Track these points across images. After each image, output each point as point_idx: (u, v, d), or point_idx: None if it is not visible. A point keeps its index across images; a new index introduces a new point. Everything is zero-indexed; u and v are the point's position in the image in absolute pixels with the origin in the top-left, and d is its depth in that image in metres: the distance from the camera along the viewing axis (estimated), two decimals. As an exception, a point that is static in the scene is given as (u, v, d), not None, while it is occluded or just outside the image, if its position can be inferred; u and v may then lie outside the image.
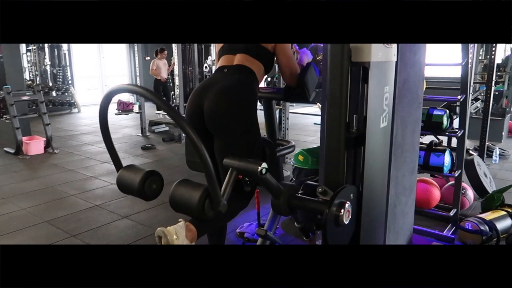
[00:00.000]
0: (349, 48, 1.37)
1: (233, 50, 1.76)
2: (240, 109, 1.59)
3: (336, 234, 1.35)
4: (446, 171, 2.66)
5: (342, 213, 1.33)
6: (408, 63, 2.06)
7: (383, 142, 1.57)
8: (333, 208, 1.33)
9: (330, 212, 1.31)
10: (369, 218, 1.58)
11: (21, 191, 3.73)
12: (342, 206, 1.34)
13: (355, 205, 1.43)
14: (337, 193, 1.34)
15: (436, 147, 2.71)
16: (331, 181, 1.45)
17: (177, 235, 1.35)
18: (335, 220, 1.33)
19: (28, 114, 5.59)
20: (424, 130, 2.69)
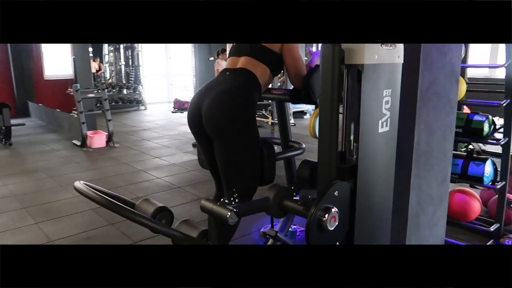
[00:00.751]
0: (340, 49, 1.33)
1: (239, 53, 1.79)
2: (236, 113, 1.60)
3: (320, 239, 1.33)
4: (487, 182, 2.44)
5: (326, 218, 1.31)
6: (435, 65, 1.93)
7: (384, 147, 1.49)
8: (318, 212, 1.31)
9: (313, 217, 1.30)
10: (365, 224, 1.52)
11: (78, 180, 4.09)
12: (327, 210, 1.31)
13: (346, 205, 1.40)
14: (323, 196, 1.32)
15: (477, 156, 2.50)
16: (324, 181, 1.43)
17: None
18: (319, 225, 1.31)
19: (93, 110, 6.10)
20: (462, 137, 2.49)
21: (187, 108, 6.38)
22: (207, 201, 1.45)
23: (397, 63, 1.47)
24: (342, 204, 1.37)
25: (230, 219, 1.35)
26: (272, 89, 1.96)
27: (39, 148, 5.68)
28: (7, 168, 4.65)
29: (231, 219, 1.35)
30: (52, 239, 2.73)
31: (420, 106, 1.92)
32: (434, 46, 1.90)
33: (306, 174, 1.59)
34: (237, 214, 1.36)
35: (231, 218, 1.35)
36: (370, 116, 1.39)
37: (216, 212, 1.40)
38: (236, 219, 1.37)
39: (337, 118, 1.37)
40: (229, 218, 1.35)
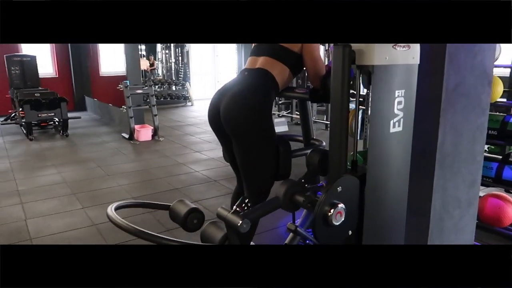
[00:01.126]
0: (351, 50, 1.38)
1: (259, 53, 1.85)
2: (251, 112, 1.68)
3: (327, 233, 1.39)
4: (524, 187, 2.34)
5: (332, 213, 1.37)
6: (463, 66, 1.90)
7: (397, 146, 1.51)
8: (324, 207, 1.37)
9: (319, 212, 1.36)
10: (374, 222, 1.55)
11: (123, 170, 4.39)
12: (333, 206, 1.37)
13: (354, 200, 1.45)
14: (329, 189, 1.38)
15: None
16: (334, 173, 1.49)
17: None
18: (324, 220, 1.37)
19: (141, 105, 6.44)
20: (496, 139, 2.40)
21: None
22: (222, 209, 1.61)
23: (411, 64, 1.48)
24: (349, 198, 1.43)
25: (241, 227, 1.48)
26: (295, 88, 2.03)
27: (91, 140, 6.12)
28: (63, 157, 5.07)
29: (242, 228, 1.49)
30: (95, 222, 2.99)
31: (445, 107, 1.89)
32: (462, 47, 1.87)
33: (316, 161, 1.65)
34: (249, 221, 1.48)
35: (242, 227, 1.48)
36: (380, 116, 1.42)
37: (229, 221, 1.54)
38: (248, 227, 1.50)
39: (347, 117, 1.42)
40: (240, 227, 1.48)
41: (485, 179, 2.55)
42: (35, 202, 3.43)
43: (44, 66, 9.29)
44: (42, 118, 6.29)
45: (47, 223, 2.97)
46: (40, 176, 4.20)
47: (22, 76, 8.12)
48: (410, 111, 1.53)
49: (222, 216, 1.58)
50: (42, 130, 6.78)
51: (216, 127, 1.86)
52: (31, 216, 3.11)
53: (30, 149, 5.52)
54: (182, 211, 1.96)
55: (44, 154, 5.22)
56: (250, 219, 1.50)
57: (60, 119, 6.37)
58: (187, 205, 2.00)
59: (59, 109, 6.30)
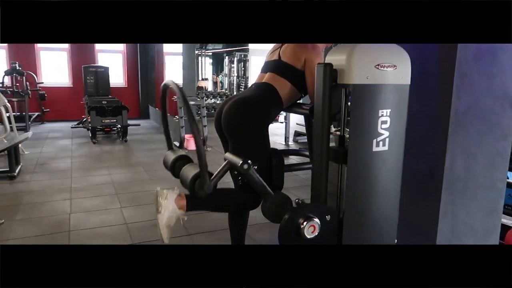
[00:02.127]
0: (333, 69, 1.41)
1: (265, 69, 1.99)
2: (247, 119, 1.78)
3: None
4: (557, 221, 2.14)
5: (304, 226, 1.40)
6: (477, 87, 1.83)
7: (382, 165, 1.50)
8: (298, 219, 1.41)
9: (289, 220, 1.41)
10: (356, 241, 1.54)
11: (166, 176, 4.60)
12: (308, 219, 1.41)
13: (330, 227, 1.46)
14: (304, 206, 1.41)
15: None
16: (315, 198, 1.52)
17: (166, 198, 1.68)
18: (296, 231, 1.41)
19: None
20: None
21: (277, 120, 6.70)
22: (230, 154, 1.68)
23: (399, 84, 1.47)
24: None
25: (242, 166, 1.52)
26: (302, 104, 2.08)
27: (146, 146, 6.56)
28: (117, 160, 5.51)
29: (242, 169, 1.52)
30: (128, 221, 3.23)
31: (455, 130, 1.83)
32: (475, 67, 1.81)
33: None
34: (249, 166, 1.52)
35: (242, 166, 1.52)
36: (360, 134, 1.43)
37: (231, 159, 1.61)
38: (248, 169, 1.53)
39: (328, 133, 1.45)
40: (241, 166, 1.53)
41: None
42: (82, 199, 3.79)
43: (116, 76, 10.16)
44: (105, 124, 6.88)
45: (86, 218, 3.27)
46: (93, 176, 4.61)
47: (95, 85, 8.95)
48: (398, 131, 1.51)
49: (226, 157, 1.65)
50: (105, 135, 7.41)
51: (219, 132, 2.00)
52: (75, 211, 3.45)
53: (91, 151, 6.07)
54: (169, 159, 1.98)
55: (102, 157, 5.71)
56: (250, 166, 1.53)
57: (120, 126, 6.92)
58: (177, 152, 2.00)
59: (120, 116, 6.85)
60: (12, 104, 8.23)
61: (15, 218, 3.25)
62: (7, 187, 4.12)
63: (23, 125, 7.72)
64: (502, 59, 1.85)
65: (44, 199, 3.74)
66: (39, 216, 3.31)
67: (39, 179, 4.48)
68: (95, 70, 9.01)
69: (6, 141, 4.75)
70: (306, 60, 1.88)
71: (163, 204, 1.71)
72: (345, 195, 1.47)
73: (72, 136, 7.33)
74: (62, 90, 9.69)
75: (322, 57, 1.96)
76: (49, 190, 4.02)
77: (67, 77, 9.87)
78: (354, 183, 1.46)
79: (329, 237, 1.48)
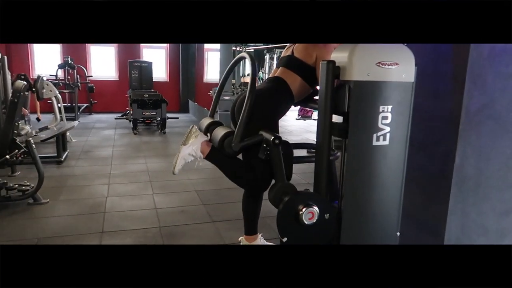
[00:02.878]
0: (335, 66, 1.49)
1: (279, 64, 2.10)
2: (259, 111, 1.89)
3: (294, 231, 1.52)
4: None
5: (303, 212, 1.50)
6: (491, 88, 1.84)
7: (382, 159, 1.56)
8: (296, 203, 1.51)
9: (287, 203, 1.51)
10: (354, 236, 1.61)
11: (197, 167, 4.86)
12: (307, 205, 1.51)
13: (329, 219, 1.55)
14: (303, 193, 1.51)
15: None
16: (317, 189, 1.62)
17: (197, 137, 1.93)
18: (295, 216, 1.51)
19: (228, 110, 6.96)
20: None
21: (310, 116, 6.78)
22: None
23: (402, 81, 1.52)
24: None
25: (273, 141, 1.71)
26: (316, 99, 2.16)
27: (182, 138, 6.81)
28: (154, 150, 5.81)
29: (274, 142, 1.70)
30: (158, 206, 3.45)
31: (466, 129, 1.84)
32: (489, 68, 1.82)
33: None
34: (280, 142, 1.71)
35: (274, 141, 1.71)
36: (360, 128, 1.50)
37: (265, 134, 1.79)
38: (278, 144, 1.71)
39: (330, 127, 1.54)
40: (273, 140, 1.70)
41: (534, 213, 2.30)
42: (119, 184, 4.07)
43: (159, 71, 10.59)
44: (146, 116, 7.24)
45: (121, 202, 3.53)
46: (130, 164, 4.92)
47: (139, 79, 9.40)
48: (401, 127, 1.56)
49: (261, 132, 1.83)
50: (146, 127, 7.79)
51: (234, 124, 2.13)
52: (112, 194, 3.72)
53: (131, 141, 6.42)
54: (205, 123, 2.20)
55: (140, 147, 6.03)
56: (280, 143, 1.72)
57: (160, 118, 7.25)
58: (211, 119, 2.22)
59: (159, 109, 7.17)
60: (64, 96, 8.85)
61: (59, 198, 3.56)
62: (54, 171, 4.50)
63: (73, 115, 8.28)
64: (520, 59, 1.83)
65: (86, 183, 4.06)
66: (79, 198, 3.61)
67: (82, 165, 4.84)
68: (139, 65, 9.46)
69: (55, 128, 5.17)
70: (317, 57, 1.97)
71: (192, 140, 1.90)
72: (344, 187, 1.55)
73: (115, 127, 7.77)
74: (109, 83, 10.25)
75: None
76: (90, 175, 4.35)
77: (114, 71, 10.41)
78: (353, 176, 1.54)
79: (328, 226, 1.56)
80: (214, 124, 2.10)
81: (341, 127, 1.53)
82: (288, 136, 7.53)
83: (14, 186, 3.36)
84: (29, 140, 3.38)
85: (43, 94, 5.33)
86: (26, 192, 3.33)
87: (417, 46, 1.99)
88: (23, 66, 9.28)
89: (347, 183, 1.54)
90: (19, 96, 3.28)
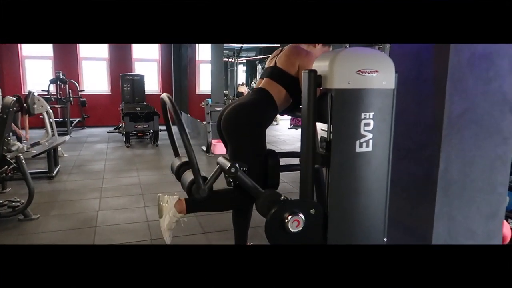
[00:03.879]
0: (317, 75, 1.52)
1: (263, 76, 2.12)
2: (243, 121, 1.91)
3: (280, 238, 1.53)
4: None
5: (289, 219, 1.51)
6: (472, 92, 1.87)
7: (365, 166, 1.58)
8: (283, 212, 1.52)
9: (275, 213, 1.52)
10: (341, 239, 1.62)
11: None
12: (293, 213, 1.51)
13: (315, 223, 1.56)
14: (288, 201, 1.52)
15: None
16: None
17: (167, 203, 1.84)
18: (281, 224, 1.52)
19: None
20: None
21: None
22: (221, 158, 1.85)
23: (382, 88, 1.55)
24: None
25: (229, 170, 1.68)
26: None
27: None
28: (146, 163, 5.80)
29: (229, 171, 1.68)
30: (150, 219, 3.44)
31: (449, 133, 1.87)
32: (470, 72, 1.85)
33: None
34: (236, 169, 1.68)
35: (230, 170, 1.68)
36: (343, 135, 1.52)
37: (222, 163, 1.78)
38: (235, 172, 1.69)
39: (313, 134, 1.56)
40: (229, 169, 1.68)
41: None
42: (111, 198, 4.06)
43: (151, 84, 10.62)
44: (138, 129, 7.24)
45: (112, 216, 3.51)
46: (123, 177, 4.90)
47: (132, 92, 9.43)
48: (383, 133, 1.58)
49: (218, 161, 1.83)
50: (139, 140, 7.79)
51: (220, 135, 2.15)
52: (103, 208, 3.71)
53: (124, 155, 6.41)
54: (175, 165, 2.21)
55: (133, 160, 6.02)
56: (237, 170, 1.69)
57: (153, 131, 7.25)
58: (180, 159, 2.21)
59: (152, 122, 7.18)
60: (56, 110, 8.84)
61: (50, 214, 3.54)
62: (46, 186, 4.48)
63: (65, 130, 8.26)
64: (500, 64, 1.87)
65: (77, 198, 4.04)
66: (71, 212, 3.59)
67: (74, 179, 4.82)
68: (131, 78, 9.50)
69: (47, 144, 5.16)
70: (300, 66, 2.00)
71: (164, 209, 1.88)
72: (329, 194, 1.56)
73: (108, 141, 7.75)
74: (101, 97, 10.26)
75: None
76: (82, 190, 4.33)
77: (106, 85, 10.43)
78: (338, 183, 1.55)
79: (314, 232, 1.57)
80: (184, 165, 2.10)
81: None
82: (281, 145, 7.56)
83: (4, 203, 3.34)
84: (19, 155, 3.37)
85: (34, 109, 5.33)
86: (16, 208, 3.31)
87: (400, 53, 2.04)
88: (14, 82, 9.28)
89: (333, 190, 1.55)
90: (8, 112, 3.28)
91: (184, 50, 10.59)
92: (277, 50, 2.24)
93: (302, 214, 1.53)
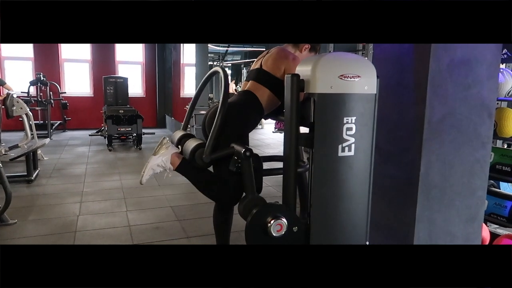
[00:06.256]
0: (300, 79, 1.52)
1: (248, 78, 2.12)
2: (230, 121, 1.91)
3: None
4: (540, 230, 2.16)
5: (271, 224, 1.50)
6: (452, 98, 1.90)
7: (347, 170, 1.58)
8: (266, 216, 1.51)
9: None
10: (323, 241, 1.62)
11: (173, 182, 4.82)
12: (276, 217, 1.51)
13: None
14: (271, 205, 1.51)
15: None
16: (286, 200, 1.63)
17: (167, 148, 1.91)
18: (263, 228, 1.51)
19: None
20: (510, 176, 2.26)
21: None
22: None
23: (364, 93, 1.56)
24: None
25: (244, 153, 1.71)
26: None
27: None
28: (129, 167, 5.72)
29: (245, 154, 1.71)
30: (131, 224, 3.38)
31: (430, 138, 1.90)
32: (449, 78, 1.88)
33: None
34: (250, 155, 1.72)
35: (245, 153, 1.71)
36: (325, 140, 1.52)
37: (236, 146, 1.81)
38: (249, 157, 1.72)
39: (296, 139, 1.56)
40: (244, 153, 1.70)
41: (498, 218, 2.38)
42: (91, 202, 3.98)
43: (135, 87, 10.51)
44: (121, 132, 7.14)
45: (93, 220, 3.45)
46: (104, 181, 4.82)
47: (115, 95, 9.31)
48: (366, 137, 1.59)
49: (232, 144, 1.85)
50: (121, 143, 7.68)
51: (205, 136, 2.13)
52: (84, 213, 3.63)
53: (106, 158, 6.31)
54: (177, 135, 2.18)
55: (115, 163, 5.93)
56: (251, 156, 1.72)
57: (135, 134, 7.16)
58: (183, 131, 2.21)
59: (135, 125, 7.10)
60: (36, 113, 8.66)
61: (28, 218, 3.45)
62: (24, 190, 4.37)
63: (45, 133, 8.09)
64: (478, 70, 1.91)
65: (57, 202, 3.95)
66: (50, 217, 3.50)
67: (54, 183, 4.72)
68: (114, 81, 9.38)
69: (26, 146, 5.03)
70: (285, 70, 2.00)
71: (162, 152, 1.90)
72: (312, 198, 1.56)
73: (90, 144, 7.63)
74: (83, 99, 10.09)
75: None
76: (62, 194, 4.24)
77: (89, 87, 10.27)
78: (321, 186, 1.55)
79: (297, 237, 1.57)
80: (186, 137, 2.10)
81: (308, 137, 1.55)
82: (266, 149, 7.56)
83: (-20, 207, 3.24)
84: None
85: (13, 111, 5.21)
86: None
87: (382, 58, 2.06)
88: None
89: (315, 194, 1.55)
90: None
91: (169, 52, 10.52)
92: (263, 52, 2.24)
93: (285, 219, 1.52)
